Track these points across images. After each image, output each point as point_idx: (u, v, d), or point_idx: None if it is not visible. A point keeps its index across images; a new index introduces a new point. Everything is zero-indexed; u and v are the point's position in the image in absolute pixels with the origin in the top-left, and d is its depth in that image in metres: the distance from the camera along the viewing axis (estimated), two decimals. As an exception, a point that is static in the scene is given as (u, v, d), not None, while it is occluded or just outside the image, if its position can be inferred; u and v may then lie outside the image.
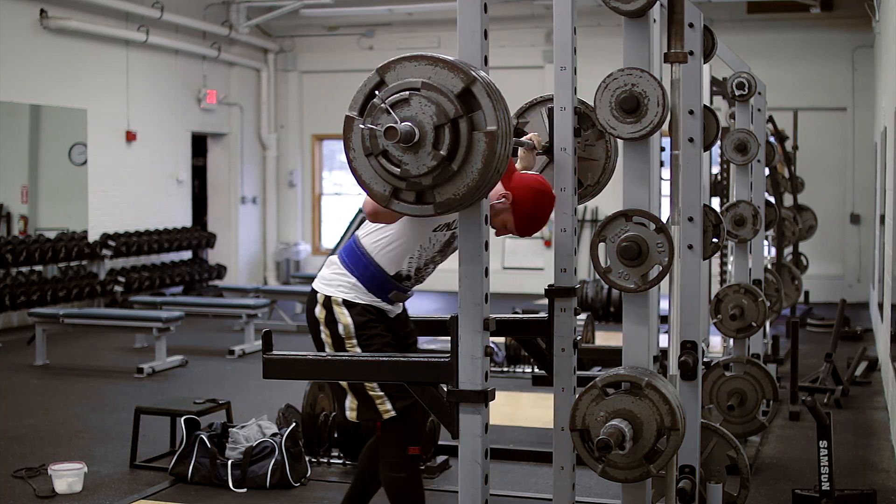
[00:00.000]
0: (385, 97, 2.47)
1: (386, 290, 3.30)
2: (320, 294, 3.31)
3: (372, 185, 2.55)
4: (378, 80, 2.53)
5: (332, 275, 3.32)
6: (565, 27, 3.31)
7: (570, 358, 3.27)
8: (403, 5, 12.49)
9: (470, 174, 2.45)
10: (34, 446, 5.34)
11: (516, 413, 6.11)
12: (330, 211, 14.54)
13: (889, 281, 6.56)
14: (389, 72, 2.51)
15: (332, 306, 3.27)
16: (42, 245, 9.45)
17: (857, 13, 10.95)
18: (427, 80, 2.46)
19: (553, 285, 3.35)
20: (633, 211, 2.60)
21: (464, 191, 2.47)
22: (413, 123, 2.44)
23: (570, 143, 3.34)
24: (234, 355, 8.13)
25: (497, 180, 2.53)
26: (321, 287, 3.33)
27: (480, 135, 2.44)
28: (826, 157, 12.12)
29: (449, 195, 2.48)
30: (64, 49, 10.22)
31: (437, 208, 2.50)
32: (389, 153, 2.48)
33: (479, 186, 2.46)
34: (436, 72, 2.47)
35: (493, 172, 2.48)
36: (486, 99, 2.44)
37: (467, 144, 2.44)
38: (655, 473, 2.57)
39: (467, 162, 2.45)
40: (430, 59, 2.48)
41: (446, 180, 2.47)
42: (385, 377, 3.07)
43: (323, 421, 5.00)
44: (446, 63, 2.46)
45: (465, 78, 2.45)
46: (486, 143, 2.43)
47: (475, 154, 2.44)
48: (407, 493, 3.30)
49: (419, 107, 2.45)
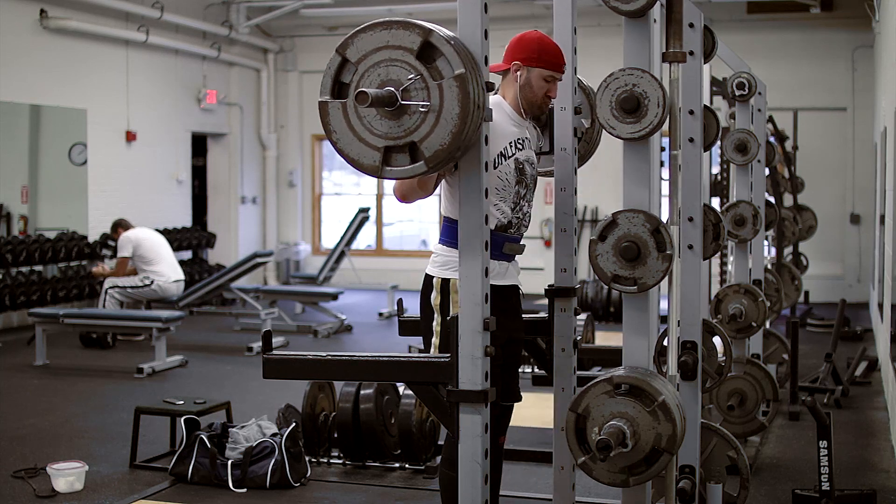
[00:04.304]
0: (352, 76, 2.56)
1: (497, 244, 3.18)
2: (436, 278, 3.20)
3: (361, 160, 2.59)
4: (340, 60, 2.59)
5: (443, 257, 3.21)
6: (565, 27, 3.31)
7: (570, 358, 3.27)
8: (403, 5, 12.49)
9: (451, 120, 2.49)
10: (34, 446, 5.34)
11: (516, 413, 6.08)
12: (330, 211, 14.54)
13: (889, 281, 6.56)
14: (349, 48, 2.58)
15: (449, 293, 3.16)
16: (42, 245, 9.45)
17: (857, 13, 10.95)
18: (385, 44, 2.53)
19: (553, 285, 3.35)
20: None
21: (449, 138, 2.50)
22: (382, 87, 2.51)
23: (570, 143, 3.34)
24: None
25: (481, 118, 2.58)
26: (436, 271, 3.21)
27: (450, 80, 2.49)
28: (826, 157, 12.13)
29: (436, 146, 2.52)
30: (64, 49, 10.22)
31: (428, 163, 2.53)
32: (370, 123, 2.54)
33: (462, 130, 2.50)
34: (392, 34, 2.53)
35: (473, 112, 2.52)
36: (447, 46, 2.50)
37: (439, 94, 2.50)
38: (631, 485, 2.55)
39: (444, 109, 2.50)
40: (383, 24, 2.55)
41: (429, 133, 2.52)
42: (385, 377, 3.07)
43: (323, 421, 5.00)
44: (400, 23, 2.54)
45: (421, 32, 2.52)
46: (457, 86, 2.48)
47: (450, 100, 2.49)
48: (456, 492, 3.30)
49: (386, 71, 2.52)
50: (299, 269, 13.75)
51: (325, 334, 9.44)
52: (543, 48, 3.25)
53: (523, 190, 3.29)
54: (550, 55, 3.26)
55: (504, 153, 3.19)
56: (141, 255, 8.84)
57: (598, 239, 2.58)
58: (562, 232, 3.32)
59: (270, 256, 10.45)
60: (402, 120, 2.52)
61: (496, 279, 3.18)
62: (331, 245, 13.63)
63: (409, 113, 2.51)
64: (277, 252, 13.82)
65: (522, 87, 3.24)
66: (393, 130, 2.53)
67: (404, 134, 2.52)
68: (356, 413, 4.82)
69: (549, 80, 3.27)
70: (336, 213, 14.46)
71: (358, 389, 4.88)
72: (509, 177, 3.21)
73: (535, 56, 3.23)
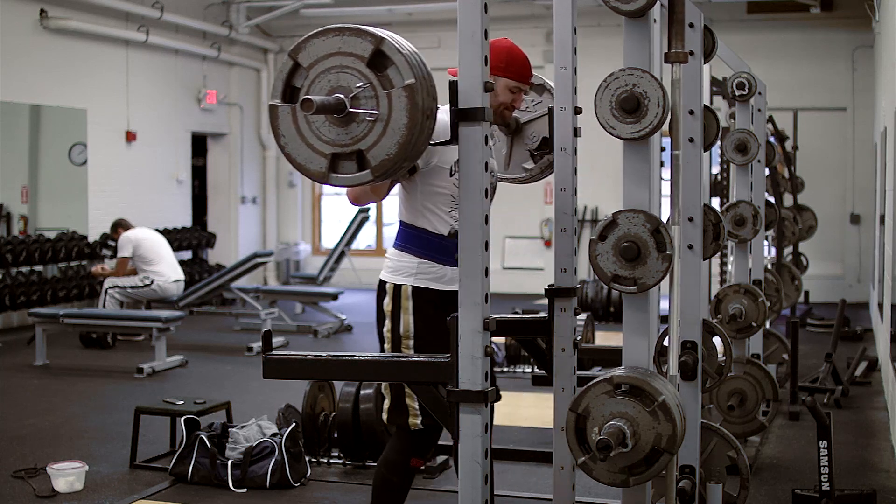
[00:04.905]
0: (303, 81, 2.57)
1: (450, 251, 3.23)
2: (389, 284, 3.27)
3: (308, 166, 2.60)
4: (292, 64, 2.60)
5: (396, 262, 3.27)
6: (565, 27, 3.30)
7: (570, 358, 3.27)
8: (403, 5, 12.49)
9: (398, 131, 2.51)
10: (34, 446, 5.34)
11: (516, 413, 6.11)
12: (330, 211, 14.54)
13: (889, 281, 6.56)
14: (301, 52, 2.59)
15: (401, 300, 3.24)
16: (42, 245, 9.45)
17: (857, 13, 10.95)
18: (337, 50, 2.54)
19: (553, 285, 3.35)
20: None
21: (396, 148, 2.52)
22: (332, 94, 2.52)
23: (570, 143, 3.34)
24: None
25: (429, 129, 2.60)
26: (389, 276, 3.28)
27: (399, 91, 2.50)
28: (826, 157, 12.13)
29: (383, 156, 2.53)
30: (64, 49, 10.22)
31: (374, 172, 2.55)
32: (319, 129, 2.55)
33: (409, 141, 2.52)
34: (344, 41, 2.54)
35: (422, 123, 2.53)
36: (398, 55, 2.51)
37: (388, 103, 2.50)
38: (631, 485, 2.55)
39: (392, 119, 2.51)
40: (336, 30, 2.56)
41: (376, 142, 2.53)
42: (385, 377, 3.08)
43: (323, 421, 5.00)
44: (352, 30, 2.55)
45: (373, 40, 2.52)
46: (406, 97, 2.49)
47: (398, 110, 2.50)
48: (389, 497, 3.33)
49: (337, 77, 2.53)
50: (299, 269, 13.76)
51: (325, 334, 9.45)
52: (512, 58, 3.29)
53: None
54: (518, 66, 3.30)
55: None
56: (141, 255, 8.84)
57: (598, 239, 2.58)
58: (562, 232, 3.32)
59: (270, 256, 10.47)
60: (350, 127, 2.54)
61: (447, 284, 3.26)
62: (331, 245, 13.64)
63: (358, 121, 2.53)
64: (277, 252, 13.83)
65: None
66: (341, 137, 2.55)
67: (352, 142, 2.54)
68: (356, 413, 4.82)
69: (515, 90, 3.32)
70: (336, 213, 14.46)
71: (358, 389, 4.88)
72: None
73: (502, 65, 3.26)
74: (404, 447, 3.32)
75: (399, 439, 3.33)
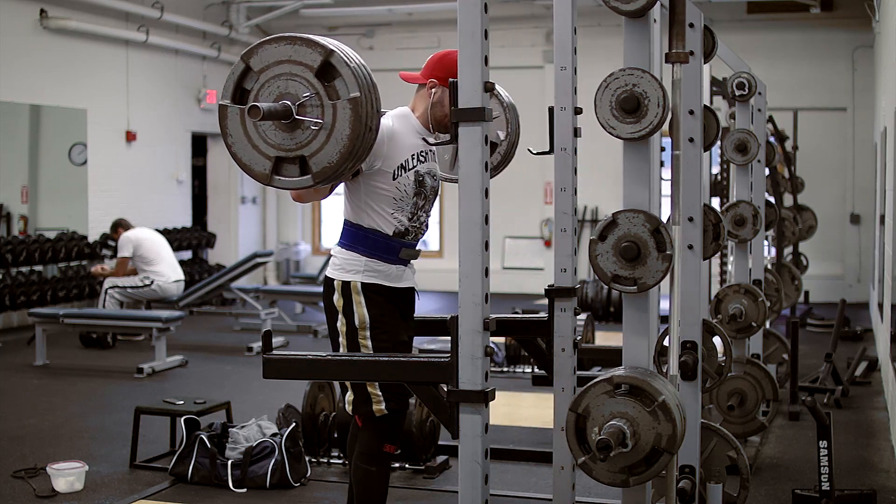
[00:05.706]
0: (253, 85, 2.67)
1: (395, 250, 3.33)
2: (337, 281, 3.33)
3: (252, 167, 2.71)
4: (244, 67, 2.68)
5: (343, 260, 3.34)
6: (565, 27, 3.31)
7: (570, 358, 3.27)
8: (403, 5, 12.49)
9: (340, 141, 2.60)
10: (34, 446, 5.34)
11: (516, 413, 6.11)
12: (330, 211, 14.54)
13: (889, 281, 6.56)
14: (253, 57, 2.67)
15: (351, 294, 3.30)
16: (42, 245, 9.45)
17: (857, 13, 10.95)
18: (288, 58, 2.62)
19: (553, 285, 3.35)
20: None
21: (337, 157, 2.62)
22: (279, 101, 2.61)
23: (570, 143, 3.34)
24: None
25: (371, 140, 2.72)
26: (337, 274, 3.34)
27: (344, 102, 2.59)
28: (826, 157, 12.13)
29: (324, 163, 2.63)
30: (64, 49, 10.22)
31: (315, 178, 2.65)
32: (265, 132, 2.64)
33: (351, 151, 2.62)
34: (295, 50, 2.62)
35: (364, 134, 2.63)
36: (346, 68, 2.59)
37: (333, 113, 2.59)
38: (631, 485, 2.55)
39: (336, 129, 2.60)
40: (288, 38, 2.65)
41: (319, 150, 2.62)
42: (385, 377, 3.08)
43: (323, 421, 5.00)
44: (304, 40, 2.63)
45: (322, 51, 2.60)
46: (350, 108, 2.58)
47: (342, 121, 2.59)
48: (372, 487, 3.35)
49: (285, 84, 2.62)
50: (299, 269, 13.75)
51: (326, 334, 9.43)
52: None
53: (421, 201, 3.40)
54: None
55: (405, 165, 3.31)
56: (141, 255, 8.84)
57: (598, 239, 2.58)
58: (562, 232, 3.32)
59: (270, 256, 10.47)
60: (295, 133, 2.62)
61: (395, 282, 3.36)
62: (330, 245, 13.64)
63: (303, 128, 2.61)
64: (277, 252, 13.83)
65: (434, 105, 3.33)
66: (286, 142, 2.63)
67: (296, 147, 2.63)
68: (356, 413, 4.82)
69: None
70: (336, 213, 14.45)
71: (358, 389, 4.88)
72: (408, 188, 3.33)
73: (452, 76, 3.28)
74: (374, 435, 3.34)
75: (368, 429, 3.35)
